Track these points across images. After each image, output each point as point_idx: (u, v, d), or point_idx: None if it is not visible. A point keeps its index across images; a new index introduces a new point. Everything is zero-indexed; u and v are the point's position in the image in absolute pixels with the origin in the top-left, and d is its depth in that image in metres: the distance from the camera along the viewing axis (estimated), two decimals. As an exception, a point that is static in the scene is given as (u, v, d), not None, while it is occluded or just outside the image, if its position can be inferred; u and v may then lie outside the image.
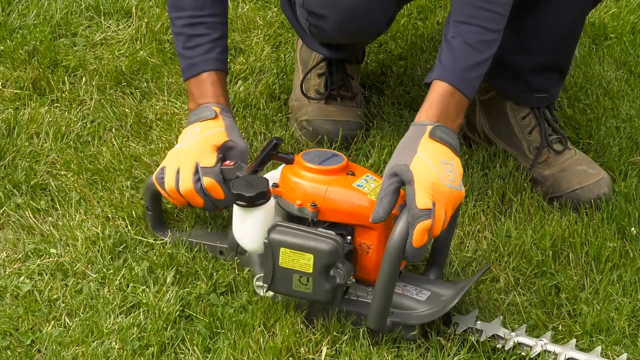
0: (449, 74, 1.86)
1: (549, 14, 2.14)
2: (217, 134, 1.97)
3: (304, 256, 1.77)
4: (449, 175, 1.78)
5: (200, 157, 1.94)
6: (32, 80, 2.49)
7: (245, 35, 2.72)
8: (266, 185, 1.84)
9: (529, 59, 2.20)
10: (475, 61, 1.88)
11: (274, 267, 1.79)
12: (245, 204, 1.83)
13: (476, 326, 1.82)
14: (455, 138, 1.84)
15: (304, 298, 1.82)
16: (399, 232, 1.73)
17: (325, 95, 2.38)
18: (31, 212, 2.12)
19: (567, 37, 2.20)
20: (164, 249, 2.02)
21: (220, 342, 1.82)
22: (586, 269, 2.03)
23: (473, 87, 1.89)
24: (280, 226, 1.80)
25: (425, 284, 1.87)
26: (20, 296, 1.92)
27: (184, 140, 1.99)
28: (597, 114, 2.47)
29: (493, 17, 1.88)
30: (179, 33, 2.06)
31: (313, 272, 1.77)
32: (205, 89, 2.03)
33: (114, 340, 1.82)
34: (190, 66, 2.05)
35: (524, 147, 2.27)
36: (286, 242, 1.78)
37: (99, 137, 2.36)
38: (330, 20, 2.10)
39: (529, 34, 2.17)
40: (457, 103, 1.86)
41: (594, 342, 1.87)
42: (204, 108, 2.01)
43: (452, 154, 1.82)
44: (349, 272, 1.79)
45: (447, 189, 1.76)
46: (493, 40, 1.90)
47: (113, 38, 2.70)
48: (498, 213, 2.16)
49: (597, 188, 2.19)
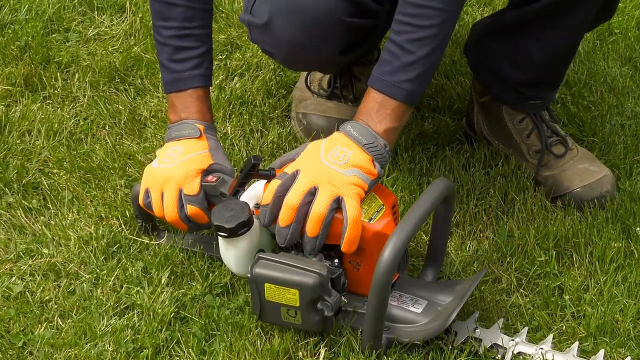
0: (372, 79, 1.85)
1: (543, 36, 2.10)
2: (201, 157, 1.92)
3: (288, 291, 1.74)
4: (335, 158, 1.77)
5: (183, 182, 1.89)
6: (23, 76, 2.49)
7: (241, 31, 2.71)
8: (247, 212, 1.79)
9: (521, 74, 2.17)
10: (404, 62, 1.82)
11: (260, 300, 1.77)
12: (226, 235, 1.80)
13: (475, 334, 1.81)
14: (370, 137, 1.80)
15: (295, 328, 1.80)
16: (387, 252, 1.69)
17: (327, 92, 2.36)
18: (23, 211, 2.12)
19: (560, 58, 2.17)
20: (158, 249, 2.01)
21: (216, 344, 1.81)
22: (590, 270, 2.02)
23: (406, 90, 1.83)
24: (263, 259, 1.77)
25: (421, 290, 1.85)
26: (11, 297, 1.92)
27: (165, 158, 1.93)
28: (601, 111, 2.46)
29: (424, 12, 1.81)
30: (165, 44, 2.00)
31: (300, 305, 1.75)
32: (190, 104, 1.98)
33: (108, 343, 1.81)
34: (177, 80, 1.99)
35: (524, 150, 2.25)
36: (269, 277, 1.75)
37: (92, 135, 2.35)
38: (278, 57, 2.06)
39: (521, 52, 2.13)
40: (381, 107, 1.83)
41: (598, 345, 1.85)
42: (186, 125, 1.96)
43: (352, 143, 1.80)
44: (337, 301, 1.77)
45: (325, 167, 1.76)
46: (427, 37, 1.81)
47: (107, 33, 2.70)
48: (500, 212, 2.15)
49: (599, 186, 2.17)
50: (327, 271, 1.75)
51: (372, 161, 1.80)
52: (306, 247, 1.77)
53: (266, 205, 1.78)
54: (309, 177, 1.76)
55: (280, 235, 1.78)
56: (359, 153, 1.80)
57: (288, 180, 1.78)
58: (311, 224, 1.75)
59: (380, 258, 1.69)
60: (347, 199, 1.75)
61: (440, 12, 1.81)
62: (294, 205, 1.75)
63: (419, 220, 1.73)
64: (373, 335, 1.75)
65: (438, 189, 1.80)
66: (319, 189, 1.76)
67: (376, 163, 1.80)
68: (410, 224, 1.72)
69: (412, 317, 1.80)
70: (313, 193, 1.76)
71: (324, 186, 1.75)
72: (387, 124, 1.83)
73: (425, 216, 1.75)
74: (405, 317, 1.81)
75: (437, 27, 1.82)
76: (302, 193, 1.75)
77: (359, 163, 1.78)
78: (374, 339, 1.75)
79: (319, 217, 1.75)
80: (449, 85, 2.52)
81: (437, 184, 1.81)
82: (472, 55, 2.25)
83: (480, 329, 1.82)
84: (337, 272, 1.79)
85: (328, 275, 1.75)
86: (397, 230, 1.71)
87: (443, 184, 1.82)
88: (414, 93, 1.84)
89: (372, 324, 1.73)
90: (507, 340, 1.80)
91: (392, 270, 1.69)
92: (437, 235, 1.91)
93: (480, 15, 2.79)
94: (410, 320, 1.80)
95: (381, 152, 1.81)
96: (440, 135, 2.36)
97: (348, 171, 1.77)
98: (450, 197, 1.86)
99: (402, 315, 1.81)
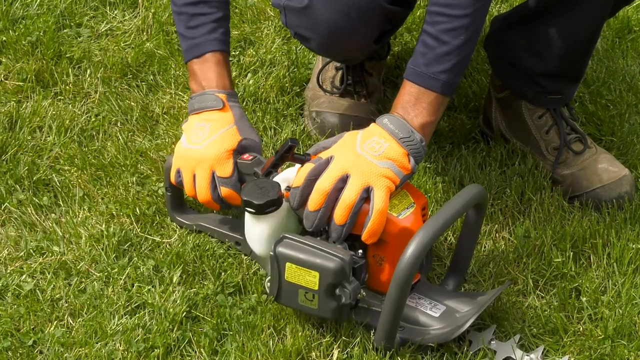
0: (408, 72, 1.85)
1: (564, 22, 2.09)
2: (229, 135, 1.93)
3: (309, 273, 1.74)
4: (370, 149, 1.78)
5: (216, 165, 1.91)
6: (35, 72, 2.49)
7: (255, 27, 2.71)
8: (277, 191, 1.81)
9: (541, 65, 2.16)
10: (439, 52, 1.82)
11: (279, 280, 1.77)
12: (254, 211, 1.80)
13: (490, 346, 1.80)
14: (407, 131, 1.80)
15: (310, 313, 1.80)
16: (412, 248, 1.68)
17: (340, 90, 2.36)
18: (33, 208, 2.11)
19: (581, 46, 2.15)
20: (170, 247, 2.01)
21: (228, 344, 1.81)
22: (608, 271, 2.00)
23: (442, 80, 1.83)
24: (287, 239, 1.77)
25: (441, 296, 1.84)
26: (21, 295, 1.91)
27: (193, 137, 1.94)
28: (620, 109, 2.44)
29: (457, 2, 1.82)
30: (181, 12, 2.01)
31: (318, 289, 1.74)
32: (208, 70, 1.99)
33: (119, 342, 1.81)
34: (193, 47, 2.00)
35: (542, 147, 2.24)
36: (292, 257, 1.75)
37: (104, 131, 2.35)
38: (314, 42, 2.07)
39: (542, 40, 2.13)
40: (418, 100, 1.83)
41: (615, 348, 1.84)
42: (208, 96, 1.97)
43: (389, 136, 1.80)
44: (356, 290, 1.76)
45: (360, 156, 1.76)
46: (461, 27, 1.82)
47: (119, 29, 2.69)
48: (516, 212, 2.14)
49: (618, 187, 2.15)
50: (350, 258, 1.74)
51: (407, 155, 1.80)
52: (332, 234, 1.78)
53: (297, 188, 1.79)
54: (343, 164, 1.77)
55: (307, 219, 1.78)
56: (395, 146, 1.79)
57: (321, 165, 1.78)
58: (340, 211, 1.75)
59: (404, 254, 1.68)
60: (376, 189, 1.75)
61: (473, 1, 1.82)
62: (325, 190, 1.76)
63: (446, 222, 1.72)
64: (387, 333, 1.74)
65: (470, 194, 1.79)
66: (350, 177, 1.76)
67: (411, 158, 1.80)
68: (437, 224, 1.71)
69: (429, 321, 1.79)
70: (345, 180, 1.77)
71: (355, 174, 1.76)
72: (423, 117, 1.83)
73: (454, 219, 1.75)
74: (422, 320, 1.80)
75: (470, 16, 1.82)
76: (334, 179, 1.76)
77: (393, 156, 1.78)
78: (388, 337, 1.74)
79: (348, 205, 1.75)
80: (465, 83, 2.51)
81: (470, 189, 1.80)
82: (492, 48, 2.24)
83: (495, 341, 1.81)
84: (359, 263, 1.79)
85: (350, 262, 1.74)
86: (423, 228, 1.70)
87: (476, 189, 1.81)
88: (450, 84, 1.84)
89: (389, 320, 1.72)
90: (520, 355, 1.79)
91: (414, 267, 1.68)
92: (463, 244, 1.89)
93: (498, 11, 2.78)
94: (426, 324, 1.79)
95: (417, 147, 1.81)
96: (456, 133, 2.35)
97: (382, 163, 1.77)
98: (482, 205, 1.84)
99: (419, 317, 1.80)
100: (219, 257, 1.99)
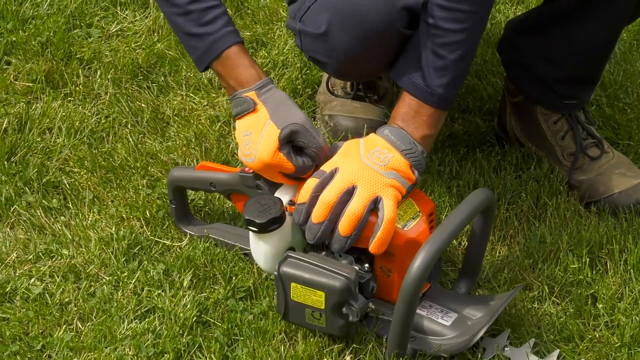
0: (405, 81, 1.85)
1: (580, 29, 2.06)
2: (270, 136, 1.84)
3: (315, 292, 1.73)
4: (375, 159, 1.77)
5: (275, 169, 1.85)
6: (45, 72, 2.48)
7: (267, 28, 2.69)
8: (279, 208, 1.80)
9: (555, 70, 2.14)
10: (436, 66, 1.82)
11: (286, 300, 1.77)
12: (257, 230, 1.80)
13: (505, 353, 1.78)
14: (409, 143, 1.81)
15: (318, 331, 1.79)
16: (419, 262, 1.67)
17: (351, 95, 2.35)
18: (43, 211, 2.11)
19: (597, 53, 2.12)
20: (180, 251, 2.00)
21: (239, 349, 1.80)
22: (625, 278, 1.98)
23: (439, 95, 1.83)
24: (292, 258, 1.76)
25: (452, 302, 1.82)
26: (30, 299, 1.91)
27: (245, 149, 1.87)
28: (637, 113, 2.42)
29: (453, 15, 1.81)
30: (188, 12, 1.92)
31: (325, 308, 1.73)
32: (232, 68, 1.90)
33: (128, 347, 1.80)
34: (212, 44, 1.91)
35: (558, 152, 2.22)
36: (297, 277, 1.74)
37: (114, 133, 2.34)
38: (330, 67, 2.04)
39: (557, 46, 2.10)
40: (417, 113, 1.83)
41: (633, 356, 1.82)
42: (240, 99, 1.90)
43: (391, 147, 1.80)
44: (364, 307, 1.76)
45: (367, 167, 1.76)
46: (459, 42, 1.82)
47: (129, 29, 2.68)
48: (532, 217, 2.12)
49: (636, 192, 2.14)
50: (356, 275, 1.73)
51: (410, 167, 1.80)
52: (334, 245, 1.76)
53: (302, 204, 1.77)
54: (349, 175, 1.76)
55: (310, 232, 1.76)
56: (399, 157, 1.79)
57: (326, 179, 1.77)
58: (346, 222, 1.74)
59: (411, 267, 1.67)
60: (385, 199, 1.74)
61: (470, 14, 1.81)
62: (330, 202, 1.75)
63: (454, 231, 1.71)
64: (398, 344, 1.72)
65: (478, 199, 1.78)
66: (357, 188, 1.75)
67: (414, 169, 1.80)
68: (444, 234, 1.69)
69: (440, 330, 1.78)
70: (351, 192, 1.75)
71: (363, 185, 1.75)
72: (424, 130, 1.84)
73: (462, 227, 1.73)
74: (433, 329, 1.78)
75: (467, 31, 1.82)
76: (340, 190, 1.75)
77: (398, 167, 1.78)
78: (399, 348, 1.73)
79: (355, 216, 1.73)
80: (480, 86, 2.49)
81: (477, 195, 1.79)
82: (505, 53, 2.22)
83: (509, 347, 1.79)
84: (366, 277, 1.78)
85: (356, 279, 1.73)
86: (430, 239, 1.69)
87: (483, 194, 1.79)
88: (447, 98, 1.85)
89: (398, 333, 1.71)
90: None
91: (421, 280, 1.66)
92: (474, 247, 1.88)
93: (513, 13, 2.76)
94: (438, 333, 1.78)
95: (419, 159, 1.81)
96: (471, 136, 2.34)
97: (388, 173, 1.77)
98: (490, 209, 1.83)
99: (430, 326, 1.78)
100: (230, 261, 1.98)
